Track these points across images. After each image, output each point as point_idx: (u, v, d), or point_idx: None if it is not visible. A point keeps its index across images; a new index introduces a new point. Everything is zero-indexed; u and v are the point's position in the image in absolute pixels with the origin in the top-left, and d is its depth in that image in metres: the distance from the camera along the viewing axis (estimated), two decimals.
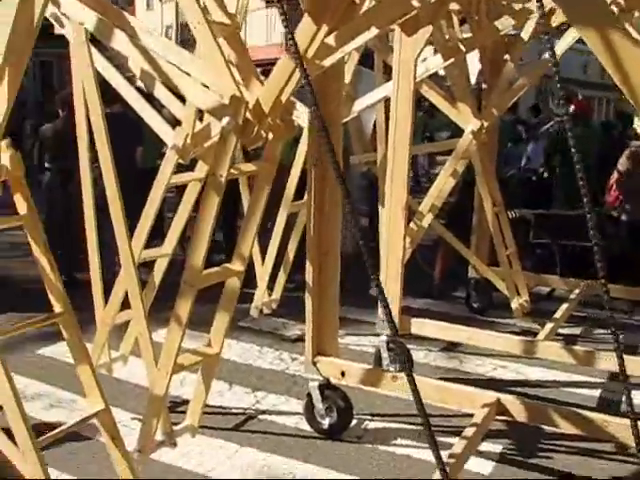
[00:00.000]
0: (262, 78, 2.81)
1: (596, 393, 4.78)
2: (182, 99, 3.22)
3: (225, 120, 2.37)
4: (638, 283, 6.18)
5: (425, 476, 3.52)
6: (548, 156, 8.68)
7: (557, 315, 5.36)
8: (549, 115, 8.56)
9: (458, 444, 3.20)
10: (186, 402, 3.92)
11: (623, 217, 6.93)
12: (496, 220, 5.91)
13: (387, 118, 5.29)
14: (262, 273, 5.15)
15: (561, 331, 5.57)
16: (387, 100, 4.83)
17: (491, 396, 3.49)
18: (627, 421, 3.55)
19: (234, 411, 4.23)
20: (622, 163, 6.99)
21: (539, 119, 8.77)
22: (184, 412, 3.47)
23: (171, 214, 6.57)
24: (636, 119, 8.04)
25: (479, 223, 6.26)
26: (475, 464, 3.65)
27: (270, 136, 2.61)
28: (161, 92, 3.29)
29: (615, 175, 7.12)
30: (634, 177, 6.72)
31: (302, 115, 3.94)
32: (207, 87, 2.54)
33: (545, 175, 8.68)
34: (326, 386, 3.92)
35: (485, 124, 5.00)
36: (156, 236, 4.82)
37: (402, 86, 4.03)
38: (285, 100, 2.51)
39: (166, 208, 6.64)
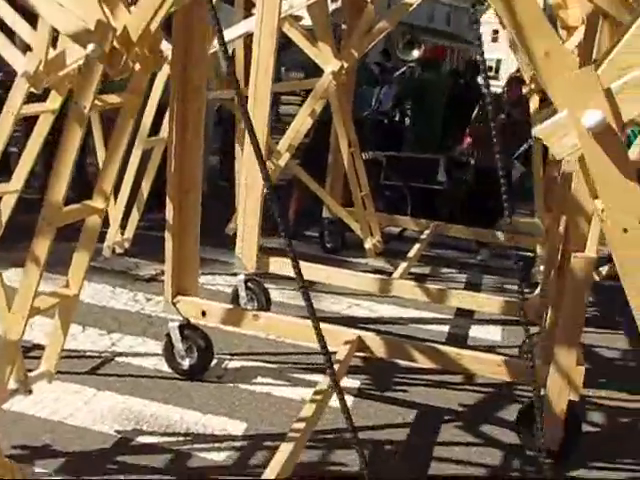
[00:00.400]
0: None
1: (445, 329, 5.04)
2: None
3: (90, 47, 2.21)
4: (484, 225, 6.51)
5: (286, 412, 3.60)
6: (398, 100, 8.88)
7: (410, 255, 5.55)
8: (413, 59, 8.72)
9: (324, 381, 3.25)
10: (37, 346, 3.76)
11: (472, 162, 7.24)
12: (351, 161, 5.98)
13: (246, 54, 5.19)
14: (115, 212, 4.95)
15: (412, 270, 5.78)
16: (248, 36, 4.72)
17: (352, 333, 3.57)
18: (476, 353, 3.79)
19: (89, 354, 4.07)
20: (476, 114, 7.29)
21: (393, 63, 8.91)
22: (37, 357, 3.30)
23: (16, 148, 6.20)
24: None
25: (334, 164, 6.31)
26: (335, 399, 3.74)
27: (137, 67, 2.47)
28: (7, 12, 3.03)
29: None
30: (485, 125, 7.01)
31: (165, 50, 3.76)
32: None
33: (396, 118, 8.88)
34: (186, 326, 3.86)
35: (345, 65, 5.00)
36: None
37: (266, 22, 3.93)
38: (155, 30, 2.36)
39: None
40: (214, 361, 4.02)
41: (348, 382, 3.97)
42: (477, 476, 3.25)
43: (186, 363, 3.89)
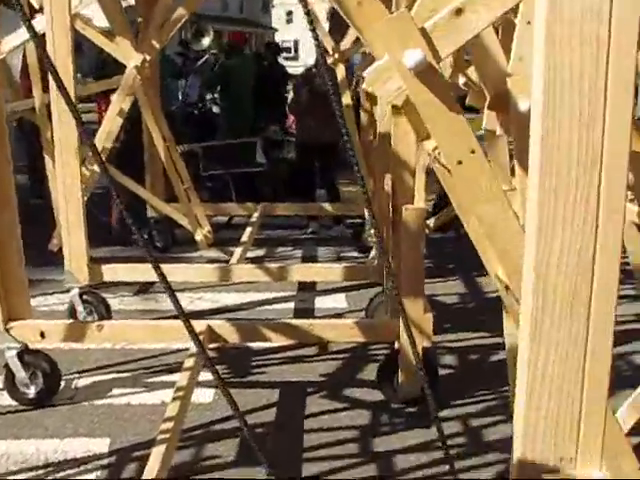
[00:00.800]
0: None
1: (291, 305, 5.07)
2: None
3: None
4: (309, 199, 6.60)
5: (149, 417, 3.47)
6: (205, 89, 8.80)
7: (244, 239, 5.52)
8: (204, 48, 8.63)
9: (182, 378, 3.16)
10: None
11: (293, 139, 7.34)
12: (168, 156, 5.86)
13: (40, 60, 4.91)
14: None
15: (248, 255, 5.76)
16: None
17: (201, 324, 3.49)
18: (327, 320, 3.85)
19: None
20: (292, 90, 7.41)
21: (194, 53, 8.80)
22: None
23: None
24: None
25: (151, 161, 6.15)
26: (195, 395, 3.66)
27: None
28: None
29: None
30: (300, 102, 7.09)
31: None
32: None
33: (206, 108, 8.79)
34: (25, 352, 3.61)
35: (147, 58, 4.86)
36: None
37: (58, 20, 3.73)
38: None
39: None
40: (62, 383, 3.80)
41: (206, 376, 3.89)
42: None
43: (32, 391, 3.64)
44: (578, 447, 1.19)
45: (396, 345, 3.46)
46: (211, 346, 4.25)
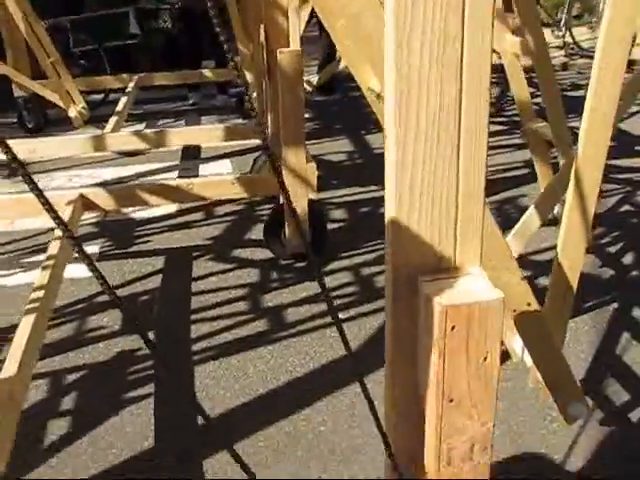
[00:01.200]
0: None
1: (174, 175, 4.86)
2: None
3: None
4: (190, 67, 6.27)
5: (25, 294, 3.26)
6: None
7: (119, 108, 5.19)
8: None
9: (52, 247, 2.94)
10: None
11: (168, 7, 6.88)
12: (30, 30, 5.40)
13: None
14: None
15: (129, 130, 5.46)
16: None
17: (73, 193, 3.26)
18: (207, 179, 3.67)
19: None
20: None
21: None
22: None
23: None
24: None
25: (10, 37, 5.66)
26: (77, 271, 3.48)
27: None
28: None
29: None
30: None
31: None
32: None
33: None
34: None
35: None
36: None
37: None
38: None
39: None
40: None
41: (86, 249, 3.70)
42: None
43: None
44: (456, 249, 1.08)
45: (281, 199, 3.34)
46: (92, 220, 4.06)
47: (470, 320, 0.98)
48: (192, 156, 5.16)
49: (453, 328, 0.99)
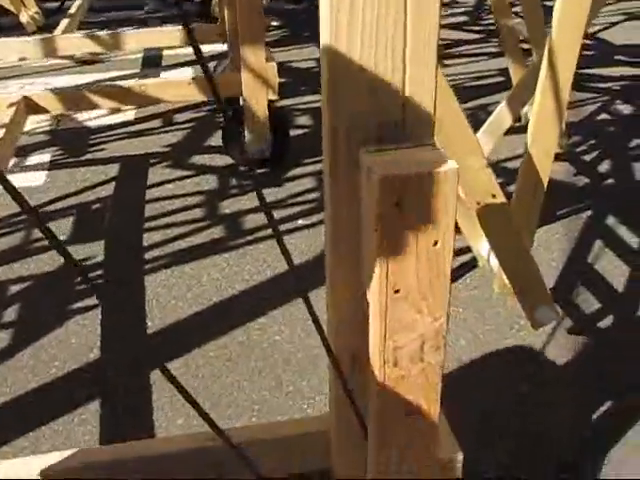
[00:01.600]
0: None
1: (133, 82, 4.60)
2: None
3: None
4: None
5: None
6: None
7: (72, 11, 4.89)
8: None
9: None
10: None
11: None
12: None
13: None
14: None
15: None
16: None
17: (16, 95, 3.04)
18: (161, 79, 3.46)
19: None
20: None
21: None
22: None
23: None
24: None
25: None
26: (25, 178, 3.29)
27: None
28: None
29: None
30: None
31: None
32: None
33: None
34: None
35: None
36: None
37: None
38: None
39: None
40: None
41: (37, 158, 3.50)
42: None
43: None
44: (405, 111, 0.92)
45: (241, 102, 3.14)
46: (44, 128, 3.85)
47: (418, 194, 0.83)
48: (154, 64, 4.90)
49: (397, 204, 0.83)
